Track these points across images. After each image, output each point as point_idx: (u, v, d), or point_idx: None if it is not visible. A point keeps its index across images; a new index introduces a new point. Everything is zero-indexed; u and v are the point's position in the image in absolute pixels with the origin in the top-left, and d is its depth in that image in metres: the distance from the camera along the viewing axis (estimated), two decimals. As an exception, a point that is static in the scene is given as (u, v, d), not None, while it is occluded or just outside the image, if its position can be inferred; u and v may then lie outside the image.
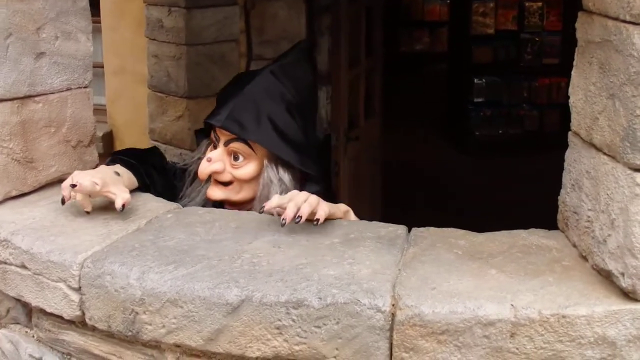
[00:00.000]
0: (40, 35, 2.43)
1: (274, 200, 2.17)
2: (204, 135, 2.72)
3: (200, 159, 2.64)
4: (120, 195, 2.25)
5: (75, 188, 2.19)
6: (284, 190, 2.50)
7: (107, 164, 2.47)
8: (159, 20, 4.42)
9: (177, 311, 1.90)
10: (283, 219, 2.11)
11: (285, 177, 2.53)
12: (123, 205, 2.23)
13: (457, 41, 9.49)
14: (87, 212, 2.28)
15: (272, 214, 2.22)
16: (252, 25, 4.66)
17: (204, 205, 2.59)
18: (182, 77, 4.38)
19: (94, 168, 2.50)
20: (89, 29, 2.57)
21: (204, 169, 2.53)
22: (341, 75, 4.81)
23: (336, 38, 4.79)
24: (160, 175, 2.66)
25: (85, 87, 2.60)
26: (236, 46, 4.56)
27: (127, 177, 2.44)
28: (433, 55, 12.51)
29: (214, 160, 2.53)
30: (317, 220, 2.13)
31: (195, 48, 4.36)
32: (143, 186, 2.52)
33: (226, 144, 2.52)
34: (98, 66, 5.24)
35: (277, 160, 2.52)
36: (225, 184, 2.55)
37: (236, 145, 2.51)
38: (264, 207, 2.17)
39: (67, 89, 2.54)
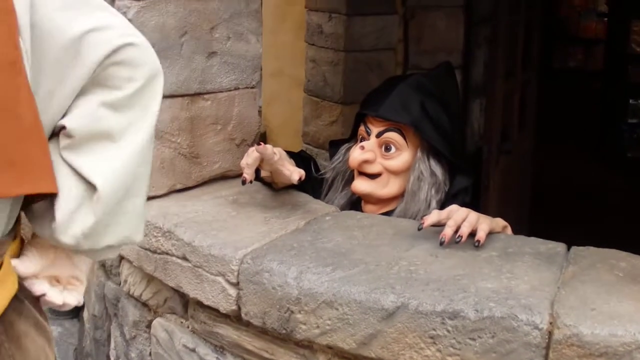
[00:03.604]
0: (213, 35, 2.51)
1: (433, 216, 2.16)
2: (338, 147, 2.76)
3: (340, 162, 2.69)
4: (296, 170, 2.32)
5: (259, 147, 2.23)
6: (435, 184, 2.51)
7: None
8: (319, 26, 4.48)
9: (332, 313, 1.93)
10: (442, 237, 2.11)
11: (438, 169, 2.53)
12: (300, 178, 2.31)
13: (613, 60, 9.25)
14: (244, 183, 2.29)
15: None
16: (410, 34, 4.67)
17: (346, 205, 2.64)
18: (339, 82, 4.42)
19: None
20: (259, 30, 2.64)
21: (357, 156, 2.52)
22: (496, 88, 4.75)
23: (493, 50, 4.73)
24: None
25: (252, 88, 2.66)
26: (393, 55, 4.57)
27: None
28: (587, 73, 12.24)
29: (367, 148, 2.53)
30: (478, 241, 2.12)
31: (353, 55, 4.39)
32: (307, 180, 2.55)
33: (379, 135, 2.53)
34: (256, 68, 5.34)
35: (430, 152, 2.53)
36: (373, 176, 2.55)
37: (390, 135, 2.52)
38: (422, 223, 2.17)
39: (235, 89, 2.61)
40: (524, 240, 2.19)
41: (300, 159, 2.63)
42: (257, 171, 2.35)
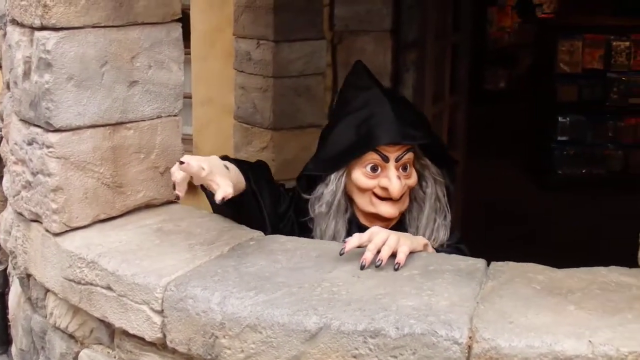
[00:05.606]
0: (134, 64, 2.51)
1: (354, 240, 2.17)
2: (306, 179, 2.62)
3: (331, 191, 2.55)
4: (223, 188, 2.16)
5: (182, 165, 2.11)
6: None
7: None
8: (247, 53, 4.51)
9: (256, 336, 1.94)
10: (363, 262, 2.13)
11: (429, 163, 2.61)
12: (223, 198, 2.15)
13: (541, 79, 9.40)
14: (177, 198, 2.23)
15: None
16: (339, 59, 4.70)
17: (348, 231, 2.53)
18: (268, 108, 4.45)
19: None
20: (181, 59, 2.65)
21: (400, 186, 2.47)
22: (424, 110, 4.82)
23: (421, 73, 4.80)
24: (269, 189, 2.60)
25: (175, 116, 2.67)
26: (322, 79, 4.61)
27: (236, 175, 2.36)
28: (517, 93, 12.44)
29: (399, 176, 2.50)
30: (398, 264, 2.13)
31: (282, 80, 4.42)
32: (250, 192, 2.47)
33: (398, 159, 2.50)
34: (186, 97, 5.33)
35: (419, 152, 2.60)
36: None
37: (408, 156, 2.53)
38: (343, 248, 2.17)
39: (158, 117, 2.61)
40: (445, 258, 2.23)
41: (251, 169, 2.54)
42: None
